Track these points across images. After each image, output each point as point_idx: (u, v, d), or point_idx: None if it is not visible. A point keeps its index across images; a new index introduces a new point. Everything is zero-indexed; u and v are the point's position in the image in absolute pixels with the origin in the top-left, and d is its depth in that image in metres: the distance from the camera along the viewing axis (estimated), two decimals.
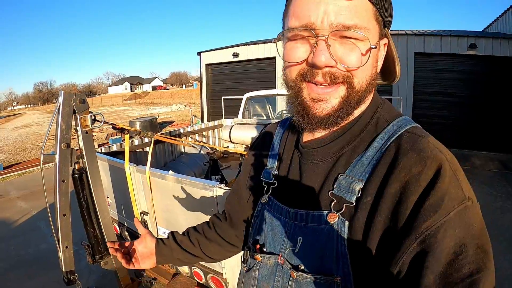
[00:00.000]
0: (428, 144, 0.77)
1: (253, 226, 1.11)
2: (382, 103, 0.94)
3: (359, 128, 0.89)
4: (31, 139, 23.29)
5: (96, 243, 2.96)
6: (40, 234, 6.97)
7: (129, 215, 3.60)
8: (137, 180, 3.20)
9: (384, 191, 0.76)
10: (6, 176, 12.40)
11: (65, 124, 2.49)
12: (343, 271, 0.80)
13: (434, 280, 0.65)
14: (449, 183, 0.71)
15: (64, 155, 2.52)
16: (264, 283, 1.00)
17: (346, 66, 0.79)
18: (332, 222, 0.82)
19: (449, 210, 0.68)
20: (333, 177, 0.87)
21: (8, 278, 5.28)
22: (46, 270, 5.42)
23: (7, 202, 9.43)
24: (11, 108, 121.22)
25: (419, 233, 0.68)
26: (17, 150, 18.94)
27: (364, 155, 0.84)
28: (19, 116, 60.26)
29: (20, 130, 31.16)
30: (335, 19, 0.76)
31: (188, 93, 56.08)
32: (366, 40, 0.78)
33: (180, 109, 34.63)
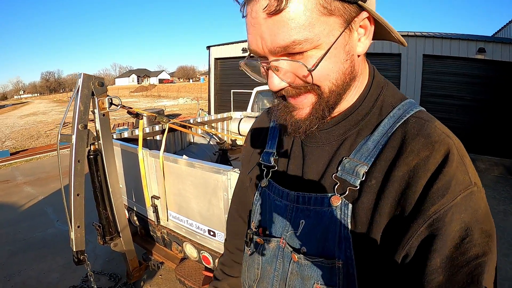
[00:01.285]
0: (435, 128, 0.77)
1: (254, 210, 1.10)
2: (386, 85, 0.91)
3: (363, 112, 0.87)
4: (38, 127, 23.41)
5: (107, 224, 3.01)
6: (47, 219, 7.04)
7: (139, 200, 3.67)
8: (149, 165, 3.27)
9: (391, 175, 0.76)
10: (13, 162, 12.50)
11: (84, 106, 2.56)
12: (345, 255, 0.80)
13: (440, 262, 0.66)
14: (456, 168, 0.71)
15: (81, 136, 2.59)
16: (267, 266, 1.01)
17: (297, 84, 0.78)
18: (335, 205, 0.82)
19: (456, 194, 0.69)
20: (338, 160, 0.87)
21: (16, 260, 5.35)
22: (54, 253, 5.49)
23: (14, 187, 9.51)
24: (17, 97, 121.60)
25: (427, 217, 0.69)
26: (24, 137, 19.06)
27: (369, 139, 0.83)
28: (26, 104, 60.42)
29: (26, 118, 31.30)
30: (271, 42, 0.72)
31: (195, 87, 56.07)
32: (317, 46, 0.72)
33: (187, 102, 34.65)
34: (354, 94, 0.88)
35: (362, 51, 0.80)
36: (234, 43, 17.93)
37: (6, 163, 12.38)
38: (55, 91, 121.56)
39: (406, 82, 12.73)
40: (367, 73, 0.91)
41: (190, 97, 39.32)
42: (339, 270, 0.81)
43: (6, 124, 27.39)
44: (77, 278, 4.69)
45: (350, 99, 0.88)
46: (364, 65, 0.89)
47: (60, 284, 4.60)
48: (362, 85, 0.89)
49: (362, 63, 0.87)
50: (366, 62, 0.91)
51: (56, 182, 9.67)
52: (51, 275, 4.85)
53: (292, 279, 0.91)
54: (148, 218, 3.64)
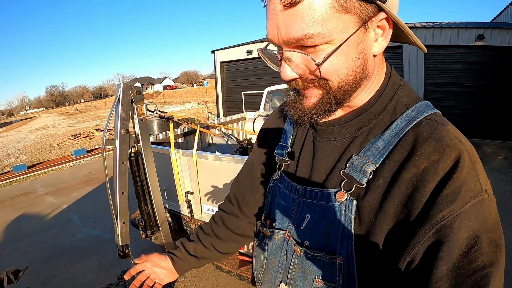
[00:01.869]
0: (447, 132, 0.76)
1: (266, 202, 1.12)
2: (402, 85, 0.89)
3: (376, 110, 0.86)
4: (49, 140, 23.83)
5: (149, 219, 3.28)
6: (74, 225, 7.32)
7: (171, 197, 3.97)
8: (182, 164, 3.57)
9: (399, 176, 0.75)
10: (31, 175, 12.85)
11: (125, 113, 2.86)
12: (347, 252, 0.80)
13: (446, 271, 0.66)
14: (467, 174, 0.70)
15: (123, 139, 2.88)
16: (272, 257, 1.03)
17: (308, 77, 0.79)
18: (341, 201, 0.82)
19: (466, 201, 0.68)
20: (347, 157, 0.86)
21: (50, 265, 5.62)
22: (86, 257, 5.76)
23: (36, 198, 9.83)
24: (24, 112, 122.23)
25: (435, 223, 0.68)
26: (37, 151, 19.45)
27: (380, 138, 0.82)
28: (33, 119, 61.00)
29: (36, 132, 31.76)
30: (285, 33, 0.73)
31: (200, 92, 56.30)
32: (330, 42, 0.72)
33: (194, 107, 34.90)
34: (369, 93, 0.87)
35: (379, 51, 0.79)
36: (238, 46, 18.06)
37: (24, 176, 12.74)
38: (60, 104, 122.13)
39: (409, 73, 12.79)
40: (384, 72, 0.89)
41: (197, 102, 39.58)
42: (339, 266, 0.81)
43: (18, 140, 27.86)
44: (112, 277, 4.97)
45: (363, 97, 0.87)
46: (382, 65, 0.88)
47: (96, 284, 4.86)
48: (377, 84, 0.87)
49: (379, 63, 0.86)
50: (384, 62, 0.89)
51: (77, 191, 9.99)
52: (86, 277, 5.11)
53: (294, 272, 0.93)
54: (181, 213, 3.93)
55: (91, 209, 8.16)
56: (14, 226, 7.79)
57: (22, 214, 8.56)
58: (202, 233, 1.40)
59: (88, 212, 7.98)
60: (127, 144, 2.92)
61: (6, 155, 19.96)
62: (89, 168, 12.95)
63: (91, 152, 16.11)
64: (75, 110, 64.13)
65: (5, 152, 21.65)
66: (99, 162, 13.85)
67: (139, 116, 2.97)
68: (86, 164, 13.99)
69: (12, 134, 34.76)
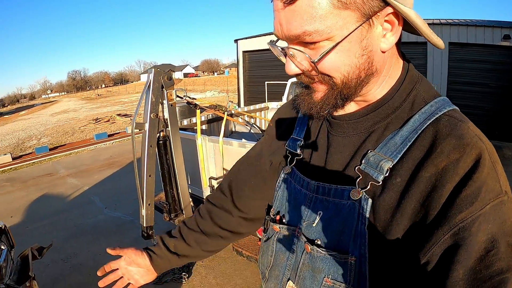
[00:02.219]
0: (468, 130, 0.73)
1: (275, 197, 1.08)
2: (420, 80, 0.86)
3: (394, 105, 0.83)
4: (71, 124, 24.20)
5: (173, 202, 3.38)
6: (95, 207, 7.52)
7: (194, 182, 4.05)
8: (208, 149, 3.65)
9: (417, 175, 0.73)
10: (53, 157, 13.14)
11: (155, 97, 2.94)
12: (359, 252, 0.77)
13: (463, 275, 0.64)
14: (487, 174, 0.68)
15: (153, 123, 2.96)
16: (280, 254, 1.00)
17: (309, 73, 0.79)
18: (355, 198, 0.79)
19: (486, 203, 0.66)
20: (362, 152, 0.83)
21: (71, 244, 5.79)
22: (107, 237, 5.93)
23: (58, 179, 10.09)
24: (45, 96, 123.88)
25: (453, 225, 0.66)
26: (59, 134, 19.78)
27: (397, 134, 0.79)
28: (55, 103, 61.77)
29: (58, 116, 32.23)
30: (286, 30, 0.73)
31: (220, 80, 56.19)
32: (330, 39, 0.71)
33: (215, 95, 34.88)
34: (383, 87, 0.84)
35: (387, 47, 0.76)
36: (262, 36, 17.99)
37: (46, 158, 13.03)
38: (82, 89, 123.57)
39: (433, 70, 12.65)
40: (399, 67, 0.86)
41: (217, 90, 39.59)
42: (351, 266, 0.79)
43: (40, 122, 28.35)
44: None
45: (378, 92, 0.84)
46: (396, 60, 0.85)
47: None
48: (393, 79, 0.85)
49: (392, 58, 0.83)
50: (399, 57, 0.86)
51: (99, 173, 10.20)
52: (106, 256, 5.05)
53: (303, 270, 0.90)
54: (204, 198, 4.00)
55: (112, 192, 8.34)
56: (36, 205, 8.01)
57: (44, 194, 8.79)
58: (185, 229, 1.32)
59: (109, 195, 8.16)
60: (156, 128, 3.00)
61: (28, 137, 20.39)
62: (110, 152, 13.15)
63: (112, 136, 16.35)
64: (96, 95, 64.70)
65: (27, 134, 22.09)
66: (120, 146, 14.05)
67: (168, 101, 3.04)
68: (107, 148, 14.22)
69: (34, 117, 35.33)
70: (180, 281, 4.35)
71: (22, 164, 12.50)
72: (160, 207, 3.76)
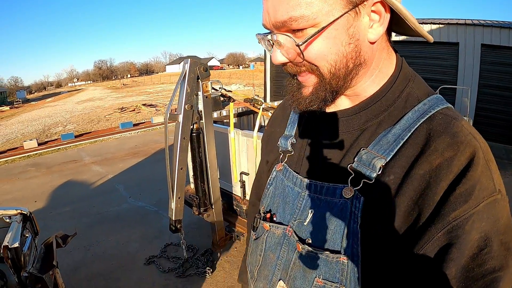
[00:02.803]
0: (462, 128, 0.73)
1: (265, 194, 1.07)
2: (413, 77, 0.86)
3: (387, 102, 0.82)
4: (96, 112, 24.48)
5: (203, 197, 3.31)
6: (120, 195, 7.54)
7: (224, 176, 3.98)
8: (240, 144, 3.57)
9: (411, 172, 0.72)
10: (78, 144, 13.33)
11: (190, 88, 2.86)
12: (352, 251, 0.77)
13: (455, 272, 0.64)
14: (481, 173, 0.68)
15: (187, 115, 2.89)
16: (270, 253, 0.98)
17: (297, 62, 0.78)
18: (347, 197, 0.78)
19: (479, 201, 0.66)
20: (355, 150, 0.82)
21: (94, 232, 5.82)
22: (130, 226, 5.92)
23: (82, 166, 10.20)
24: (72, 84, 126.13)
25: (447, 222, 0.66)
26: (85, 121, 20.05)
27: (390, 132, 0.78)
28: (81, 91, 62.83)
29: (84, 104, 32.65)
30: (273, 17, 0.73)
31: (245, 74, 56.05)
32: (316, 25, 0.71)
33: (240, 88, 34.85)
34: (376, 83, 0.83)
35: (375, 38, 0.75)
36: None
37: (72, 145, 13.22)
38: (107, 79, 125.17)
39: (464, 72, 12.32)
40: (392, 63, 0.85)
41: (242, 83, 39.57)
42: (343, 265, 0.78)
43: (66, 110, 28.84)
44: (155, 249, 5.07)
45: (370, 88, 0.84)
46: (388, 54, 0.84)
47: (139, 254, 4.98)
48: (385, 75, 0.84)
49: (382, 51, 0.82)
50: (393, 52, 0.86)
51: (123, 162, 10.27)
52: (129, 246, 5.25)
53: (294, 270, 0.89)
54: (233, 193, 3.95)
55: (136, 181, 8.36)
56: (60, 191, 8.10)
57: (69, 180, 8.89)
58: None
59: (133, 183, 8.18)
60: (190, 120, 2.93)
61: (54, 124, 20.75)
62: (135, 141, 13.24)
63: (137, 126, 16.46)
64: (121, 85, 65.28)
65: (53, 120, 22.48)
66: (144, 136, 14.15)
67: (203, 93, 2.96)
68: (132, 137, 14.33)
69: (60, 104, 35.93)
70: (203, 276, 4.30)
71: (47, 150, 12.69)
72: (189, 201, 3.69)
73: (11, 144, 14.86)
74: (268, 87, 19.26)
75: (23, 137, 16.32)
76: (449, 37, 12.46)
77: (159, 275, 4.44)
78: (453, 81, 11.95)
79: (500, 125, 11.65)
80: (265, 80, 19.47)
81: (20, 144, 14.14)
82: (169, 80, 59.53)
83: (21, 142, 14.24)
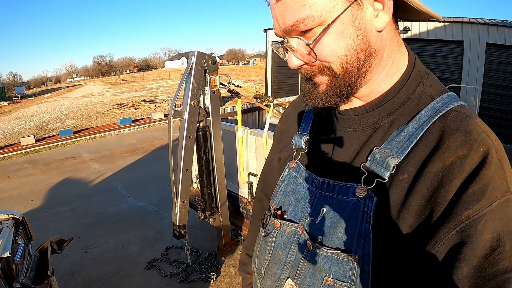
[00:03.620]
0: (476, 126, 0.72)
1: (276, 191, 1.07)
2: (427, 75, 0.86)
3: (400, 100, 0.82)
4: (95, 107, 24.28)
5: (210, 200, 3.09)
6: (119, 194, 7.34)
7: (230, 177, 3.75)
8: (249, 143, 3.34)
9: (424, 171, 0.72)
10: (76, 140, 13.17)
11: (197, 83, 2.63)
12: (363, 251, 0.76)
13: (467, 272, 0.63)
14: (494, 172, 0.67)
15: (193, 112, 2.66)
16: (279, 251, 0.97)
17: (312, 62, 0.78)
18: (360, 196, 0.78)
19: (492, 200, 0.65)
20: (368, 149, 0.83)
21: (92, 233, 5.62)
22: (129, 227, 5.71)
23: (80, 163, 10.00)
24: (70, 80, 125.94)
25: (459, 222, 0.66)
26: (83, 117, 19.86)
27: (403, 130, 0.78)
28: (80, 86, 62.54)
29: (82, 99, 32.48)
30: (282, 24, 0.75)
31: (245, 70, 56.14)
32: (322, 23, 0.72)
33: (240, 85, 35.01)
34: (389, 77, 0.84)
35: (382, 27, 0.76)
36: None
37: (70, 141, 13.05)
38: (106, 74, 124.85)
39: (468, 71, 12.23)
40: (404, 57, 0.86)
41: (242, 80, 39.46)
42: (353, 265, 0.77)
43: (64, 105, 28.65)
44: (156, 252, 4.86)
45: (383, 85, 0.84)
46: (397, 46, 0.84)
47: (140, 258, 4.77)
48: (398, 69, 0.84)
49: (392, 42, 0.82)
50: (404, 46, 0.87)
51: (122, 159, 10.08)
52: (129, 249, 5.04)
53: (304, 268, 0.87)
54: (240, 195, 3.73)
55: (135, 179, 8.16)
56: (58, 189, 7.89)
57: (67, 178, 8.68)
58: (252, 252, 1.30)
59: (133, 182, 7.98)
60: (196, 117, 2.70)
61: (52, 119, 20.52)
62: (134, 138, 13.07)
63: (136, 122, 16.33)
64: (120, 80, 65.16)
65: (51, 116, 22.24)
66: (144, 132, 13.99)
67: (211, 88, 2.73)
68: (131, 133, 14.15)
69: (59, 100, 35.75)
70: (208, 281, 4.11)
71: (45, 146, 12.51)
72: (194, 204, 3.47)
73: (8, 141, 14.63)
74: (270, 84, 19.17)
75: (20, 133, 16.09)
76: (454, 35, 12.41)
77: (161, 280, 4.25)
78: (457, 80, 12.00)
79: (504, 125, 11.74)
80: (266, 77, 19.44)
81: (17, 140, 13.94)
82: (168, 76, 59.51)
83: (18, 138, 14.03)
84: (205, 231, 5.21)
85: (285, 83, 18.16)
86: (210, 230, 4.91)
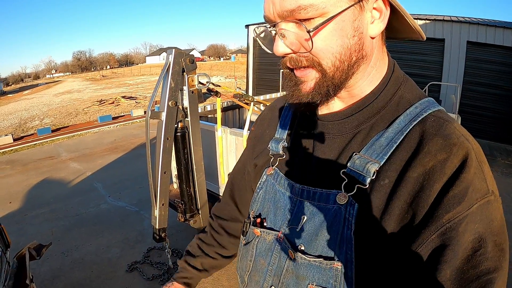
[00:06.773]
0: (454, 130, 0.74)
1: (255, 198, 1.05)
2: (405, 81, 0.87)
3: (379, 105, 0.83)
4: (74, 105, 23.81)
5: (189, 202, 3.02)
6: (98, 194, 7.21)
7: (210, 177, 3.68)
8: (229, 143, 3.28)
9: (405, 175, 0.73)
10: (55, 139, 12.90)
11: (174, 82, 2.55)
12: (346, 257, 0.76)
13: (450, 275, 0.64)
14: (474, 174, 0.69)
15: (170, 113, 2.58)
16: (260, 259, 0.97)
17: (301, 53, 0.77)
18: (341, 203, 0.78)
19: (473, 203, 0.67)
20: (348, 154, 0.82)
21: (72, 236, 5.50)
22: (110, 229, 5.62)
23: (59, 163, 9.81)
24: (50, 76, 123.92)
25: (440, 225, 0.67)
26: (62, 115, 19.49)
27: (382, 135, 0.79)
28: (59, 83, 61.36)
29: (62, 96, 31.87)
30: (280, 6, 0.73)
31: (226, 66, 55.91)
32: (323, 14, 0.71)
33: (221, 80, 34.53)
34: (369, 84, 0.84)
35: (375, 33, 0.77)
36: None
37: (48, 140, 12.81)
38: (86, 70, 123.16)
39: (449, 68, 12.41)
40: (385, 64, 0.86)
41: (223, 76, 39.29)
42: (336, 271, 0.77)
43: (43, 103, 28.09)
44: (138, 254, 4.79)
45: (364, 87, 0.84)
46: (383, 55, 0.85)
47: (121, 260, 4.70)
48: (379, 76, 0.84)
49: (379, 49, 0.83)
50: (387, 54, 0.87)
51: (102, 158, 9.92)
52: (110, 251, 4.96)
53: (287, 277, 0.87)
54: (220, 196, 3.64)
55: (116, 179, 8.04)
56: (36, 190, 7.72)
57: (45, 178, 8.51)
58: (204, 245, 1.34)
59: (113, 181, 7.87)
60: (174, 118, 2.63)
61: (31, 118, 20.07)
62: (114, 136, 12.89)
63: (116, 119, 16.11)
64: (101, 76, 64.52)
65: (30, 114, 21.75)
66: (124, 130, 13.82)
67: (189, 88, 2.65)
68: (111, 131, 13.96)
69: (38, 97, 35.00)
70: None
71: (23, 145, 12.24)
72: (174, 205, 3.40)
73: None
74: (251, 80, 19.14)
75: None
76: (435, 33, 12.59)
77: (143, 283, 4.20)
78: (438, 77, 12.30)
79: (484, 121, 12.08)
80: (247, 73, 19.41)
81: None
82: (149, 72, 58.83)
83: None
84: (186, 231, 5.15)
85: (266, 79, 18.13)
86: (191, 230, 4.83)
